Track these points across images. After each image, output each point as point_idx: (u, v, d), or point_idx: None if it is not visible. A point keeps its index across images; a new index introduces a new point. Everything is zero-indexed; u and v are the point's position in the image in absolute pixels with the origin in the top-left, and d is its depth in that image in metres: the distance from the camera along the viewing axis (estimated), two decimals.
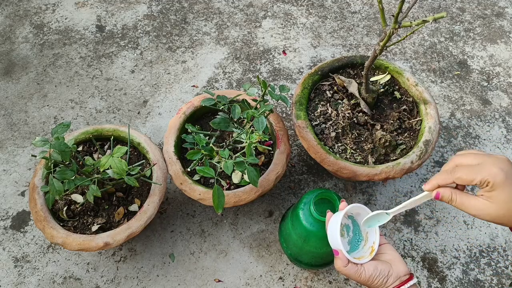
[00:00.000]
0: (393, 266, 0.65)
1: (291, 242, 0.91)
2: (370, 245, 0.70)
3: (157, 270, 1.02)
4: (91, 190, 0.83)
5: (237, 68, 1.35)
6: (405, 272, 0.65)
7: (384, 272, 0.64)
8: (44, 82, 1.31)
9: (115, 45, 1.40)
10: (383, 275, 0.64)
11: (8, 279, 1.00)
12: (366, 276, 0.64)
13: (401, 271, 0.65)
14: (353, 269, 0.65)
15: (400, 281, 0.64)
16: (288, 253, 0.94)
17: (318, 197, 0.80)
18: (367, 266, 0.65)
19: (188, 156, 0.85)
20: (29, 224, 1.07)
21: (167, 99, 1.28)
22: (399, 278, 0.64)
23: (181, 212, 1.09)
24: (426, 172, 1.17)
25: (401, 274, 0.65)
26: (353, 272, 0.65)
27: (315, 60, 1.37)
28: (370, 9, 1.51)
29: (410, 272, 0.66)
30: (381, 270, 0.65)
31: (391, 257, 0.67)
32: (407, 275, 0.65)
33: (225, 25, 1.45)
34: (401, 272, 0.65)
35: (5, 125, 1.23)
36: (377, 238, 0.69)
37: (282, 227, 0.96)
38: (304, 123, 0.98)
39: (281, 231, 0.96)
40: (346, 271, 0.65)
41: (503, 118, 1.27)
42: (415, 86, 1.04)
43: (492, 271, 1.03)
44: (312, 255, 0.88)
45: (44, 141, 0.78)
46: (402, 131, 1.02)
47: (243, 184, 0.97)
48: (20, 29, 1.43)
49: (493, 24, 1.48)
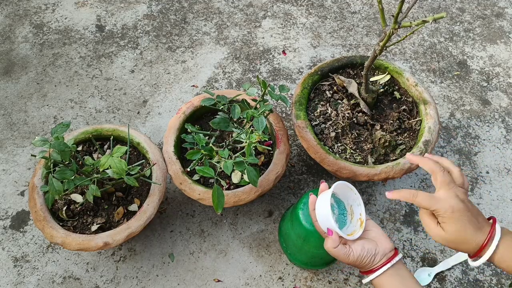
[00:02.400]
0: (378, 244, 0.67)
1: (290, 242, 0.91)
2: (357, 217, 0.71)
3: (157, 270, 1.02)
4: (90, 190, 0.83)
5: (237, 68, 1.35)
6: (390, 248, 0.67)
7: (371, 251, 0.66)
8: (44, 82, 1.31)
9: (115, 45, 1.40)
10: (371, 253, 0.66)
11: (7, 278, 1.00)
12: (355, 256, 0.66)
13: (387, 247, 0.67)
14: (342, 250, 0.66)
15: (386, 257, 0.66)
16: (288, 253, 0.94)
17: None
18: (354, 246, 0.67)
19: (188, 156, 0.85)
20: (29, 224, 1.07)
21: (167, 99, 1.28)
22: (386, 255, 0.67)
23: (180, 212, 1.09)
24: (426, 172, 1.17)
25: (387, 250, 0.67)
26: (342, 253, 0.66)
27: (315, 60, 1.37)
28: (370, 9, 1.51)
29: (394, 247, 0.68)
30: (368, 249, 0.66)
31: (375, 234, 0.69)
32: (392, 251, 0.67)
33: (225, 25, 1.45)
34: (386, 248, 0.67)
35: (4, 124, 1.23)
36: (362, 209, 0.70)
37: (281, 227, 0.96)
38: (303, 123, 0.98)
39: (281, 231, 0.96)
40: (336, 253, 0.67)
41: (502, 118, 1.27)
42: (414, 86, 1.04)
43: (492, 271, 1.03)
44: (312, 254, 0.88)
45: (43, 141, 0.78)
46: (401, 131, 1.02)
47: (243, 184, 0.97)
48: (20, 29, 1.43)
49: (493, 25, 1.48)
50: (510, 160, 1.19)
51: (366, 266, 0.67)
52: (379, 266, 0.66)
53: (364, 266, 0.67)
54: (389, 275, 0.65)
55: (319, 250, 0.86)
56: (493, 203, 1.12)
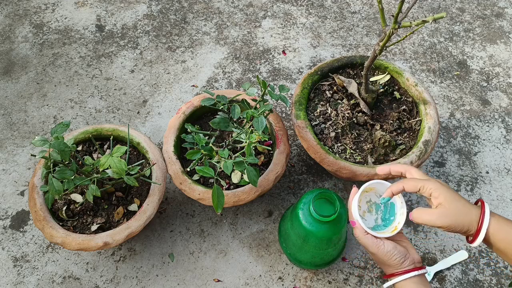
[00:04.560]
0: (409, 252, 0.69)
1: (290, 242, 0.91)
2: (395, 224, 0.73)
3: (157, 270, 1.02)
4: (90, 189, 0.83)
5: (236, 68, 1.35)
6: (419, 260, 0.69)
7: (402, 253, 0.68)
8: (44, 82, 1.31)
9: (114, 45, 1.40)
10: (402, 255, 0.68)
11: (7, 278, 1.00)
12: (385, 250, 0.67)
13: (416, 258, 0.69)
14: (373, 240, 0.68)
15: (414, 265, 0.68)
16: (288, 253, 0.94)
17: (318, 197, 0.80)
18: (386, 242, 0.68)
19: (188, 156, 0.85)
20: (29, 224, 1.07)
21: (167, 99, 1.28)
22: (414, 264, 0.68)
23: (180, 212, 1.09)
24: (426, 172, 1.17)
25: (416, 261, 0.69)
26: (372, 242, 0.68)
27: (314, 60, 1.37)
28: (369, 9, 1.51)
29: (422, 262, 0.71)
30: (400, 250, 0.68)
31: (406, 245, 0.71)
32: (420, 263, 0.69)
33: (224, 25, 1.45)
34: (416, 259, 0.69)
35: (4, 124, 1.23)
36: (402, 220, 0.72)
37: (281, 226, 0.96)
38: (303, 123, 0.98)
39: (281, 231, 0.96)
40: (365, 240, 0.69)
41: (502, 118, 1.27)
42: (414, 86, 1.04)
43: (491, 271, 1.03)
44: (312, 254, 0.88)
45: (43, 141, 0.78)
46: (401, 131, 1.02)
47: (243, 184, 0.97)
48: (20, 29, 1.43)
49: (492, 25, 1.48)
50: (510, 160, 1.19)
51: (393, 265, 0.68)
52: (407, 271, 0.67)
53: (392, 265, 0.68)
54: (414, 282, 0.66)
55: (319, 250, 0.86)
56: (493, 203, 1.12)
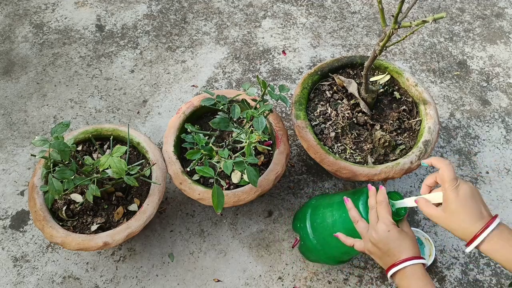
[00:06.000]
0: None
1: (326, 234, 0.85)
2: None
3: (157, 269, 1.02)
4: (90, 189, 0.83)
5: (236, 68, 1.35)
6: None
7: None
8: (44, 82, 1.31)
9: (114, 45, 1.40)
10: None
11: (7, 278, 1.00)
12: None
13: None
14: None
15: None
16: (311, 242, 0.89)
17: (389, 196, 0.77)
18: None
19: (188, 156, 0.85)
20: (28, 224, 1.07)
21: (167, 99, 1.28)
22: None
23: (180, 212, 1.09)
24: (426, 173, 1.17)
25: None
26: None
27: (314, 60, 1.37)
28: (369, 9, 1.51)
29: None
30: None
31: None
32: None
33: (224, 25, 1.45)
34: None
35: (4, 124, 1.23)
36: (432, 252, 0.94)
37: (312, 216, 0.90)
38: (303, 123, 0.98)
39: (310, 217, 0.90)
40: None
41: (502, 118, 1.27)
42: (414, 86, 1.04)
43: (491, 271, 1.03)
44: (345, 249, 0.84)
45: (43, 141, 0.78)
46: (401, 131, 1.02)
47: (243, 184, 0.97)
48: (20, 29, 1.43)
49: (492, 25, 1.48)
50: (510, 160, 1.19)
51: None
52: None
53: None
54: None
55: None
56: (493, 203, 1.12)
